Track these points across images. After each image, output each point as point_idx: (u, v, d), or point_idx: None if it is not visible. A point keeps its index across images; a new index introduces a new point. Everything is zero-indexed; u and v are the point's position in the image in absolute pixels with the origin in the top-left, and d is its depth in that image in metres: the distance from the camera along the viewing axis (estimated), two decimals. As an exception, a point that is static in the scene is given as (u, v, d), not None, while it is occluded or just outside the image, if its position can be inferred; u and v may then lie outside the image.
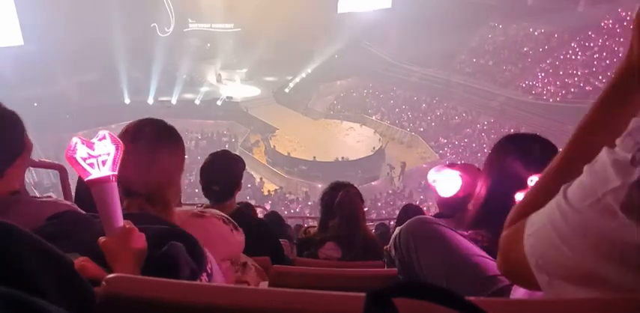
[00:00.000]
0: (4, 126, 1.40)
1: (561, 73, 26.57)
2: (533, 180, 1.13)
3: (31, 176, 17.10)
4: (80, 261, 1.01)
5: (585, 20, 26.76)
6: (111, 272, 1.03)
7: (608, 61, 25.47)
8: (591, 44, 27.06)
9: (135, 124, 1.41)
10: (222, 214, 1.65)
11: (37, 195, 2.06)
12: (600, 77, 24.95)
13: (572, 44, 27.72)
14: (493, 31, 31.06)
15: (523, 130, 24.00)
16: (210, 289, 0.68)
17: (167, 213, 1.44)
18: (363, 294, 0.56)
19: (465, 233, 1.39)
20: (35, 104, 23.60)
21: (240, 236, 1.68)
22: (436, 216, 2.54)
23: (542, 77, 26.98)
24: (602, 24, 27.19)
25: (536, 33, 29.57)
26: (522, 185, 1.29)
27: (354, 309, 0.55)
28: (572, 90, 25.20)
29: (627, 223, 0.56)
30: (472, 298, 0.56)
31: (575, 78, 25.79)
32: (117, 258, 1.05)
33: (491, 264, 1.18)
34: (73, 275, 0.78)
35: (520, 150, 1.40)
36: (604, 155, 0.61)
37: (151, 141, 1.36)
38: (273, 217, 4.46)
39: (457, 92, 28.16)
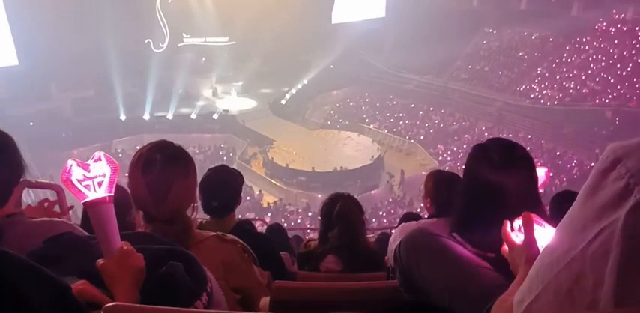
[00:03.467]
0: (10, 148, 1.42)
1: (557, 76, 26.71)
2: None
3: (28, 196, 17.04)
4: (79, 285, 1.00)
5: (579, 24, 26.98)
6: (110, 294, 1.02)
7: (603, 64, 25.63)
8: (586, 47, 27.25)
9: (146, 151, 1.44)
10: (242, 242, 1.68)
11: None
12: (597, 79, 25.08)
13: (567, 47, 27.91)
14: (488, 37, 31.29)
15: (521, 134, 24.11)
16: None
17: (188, 233, 1.49)
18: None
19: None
20: (31, 123, 23.61)
21: (264, 279, 1.72)
22: (430, 217, 2.55)
23: (539, 81, 27.12)
24: (596, 27, 27.42)
25: (532, 37, 29.77)
26: (490, 191, 1.32)
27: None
28: (570, 92, 25.30)
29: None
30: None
31: (572, 82, 25.91)
32: (115, 280, 1.04)
33: (493, 276, 1.17)
34: (70, 299, 0.77)
35: (487, 156, 1.42)
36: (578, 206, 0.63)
37: (163, 169, 1.40)
38: (276, 229, 4.44)
39: (454, 98, 28.29)
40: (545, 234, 1.03)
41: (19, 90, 24.34)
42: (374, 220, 17.51)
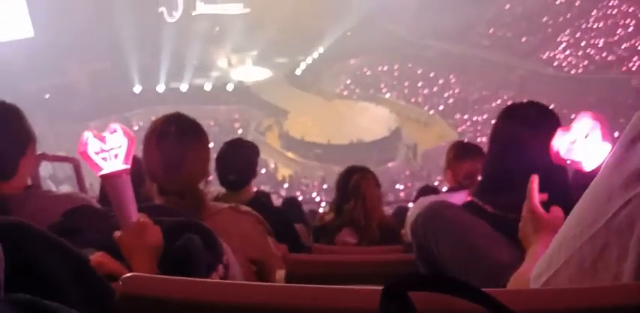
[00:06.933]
0: (11, 118, 1.41)
1: (582, 43, 25.75)
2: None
3: (46, 169, 17.33)
4: (97, 257, 1.02)
5: (606, -13, 25.92)
6: (128, 266, 1.03)
7: (631, 29, 24.59)
8: (613, 12, 26.12)
9: (160, 123, 1.45)
10: (257, 214, 1.68)
11: (53, 187, 2.08)
12: (623, 46, 24.15)
13: (594, 13, 26.82)
14: (511, 2, 30.15)
15: (544, 103, 23.54)
16: (226, 287, 0.68)
17: (200, 206, 1.49)
18: (378, 288, 0.56)
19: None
20: (47, 95, 23.82)
21: (279, 251, 1.73)
22: (450, 189, 2.52)
23: (563, 48, 26.22)
24: (625, -11, 26.28)
25: (557, 2, 28.68)
26: (522, 150, 1.31)
27: (370, 304, 0.55)
28: (595, 59, 24.45)
29: None
30: (489, 289, 0.55)
31: (597, 48, 25.00)
32: (133, 253, 1.05)
33: (510, 250, 1.16)
34: (89, 271, 0.78)
35: (517, 115, 1.42)
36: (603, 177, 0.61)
37: (177, 142, 1.41)
38: (292, 202, 4.46)
39: (475, 66, 27.54)
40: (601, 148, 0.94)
41: (35, 63, 24.47)
42: (390, 194, 17.49)
